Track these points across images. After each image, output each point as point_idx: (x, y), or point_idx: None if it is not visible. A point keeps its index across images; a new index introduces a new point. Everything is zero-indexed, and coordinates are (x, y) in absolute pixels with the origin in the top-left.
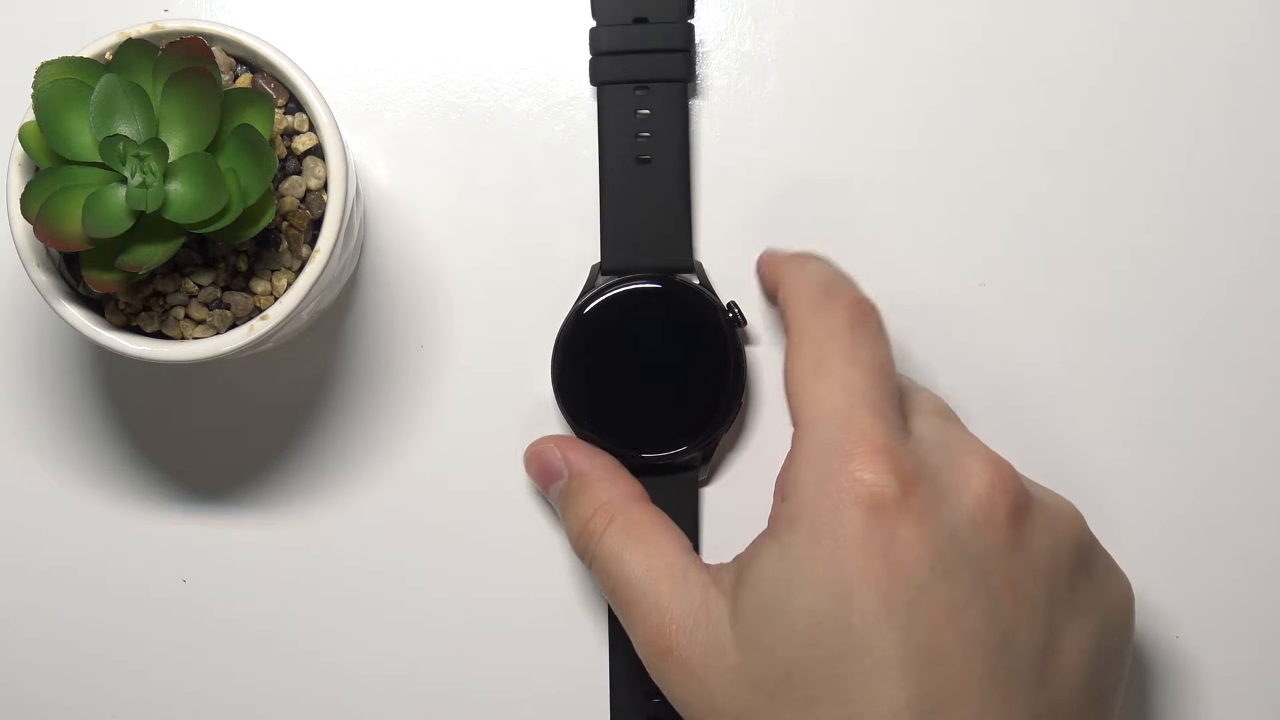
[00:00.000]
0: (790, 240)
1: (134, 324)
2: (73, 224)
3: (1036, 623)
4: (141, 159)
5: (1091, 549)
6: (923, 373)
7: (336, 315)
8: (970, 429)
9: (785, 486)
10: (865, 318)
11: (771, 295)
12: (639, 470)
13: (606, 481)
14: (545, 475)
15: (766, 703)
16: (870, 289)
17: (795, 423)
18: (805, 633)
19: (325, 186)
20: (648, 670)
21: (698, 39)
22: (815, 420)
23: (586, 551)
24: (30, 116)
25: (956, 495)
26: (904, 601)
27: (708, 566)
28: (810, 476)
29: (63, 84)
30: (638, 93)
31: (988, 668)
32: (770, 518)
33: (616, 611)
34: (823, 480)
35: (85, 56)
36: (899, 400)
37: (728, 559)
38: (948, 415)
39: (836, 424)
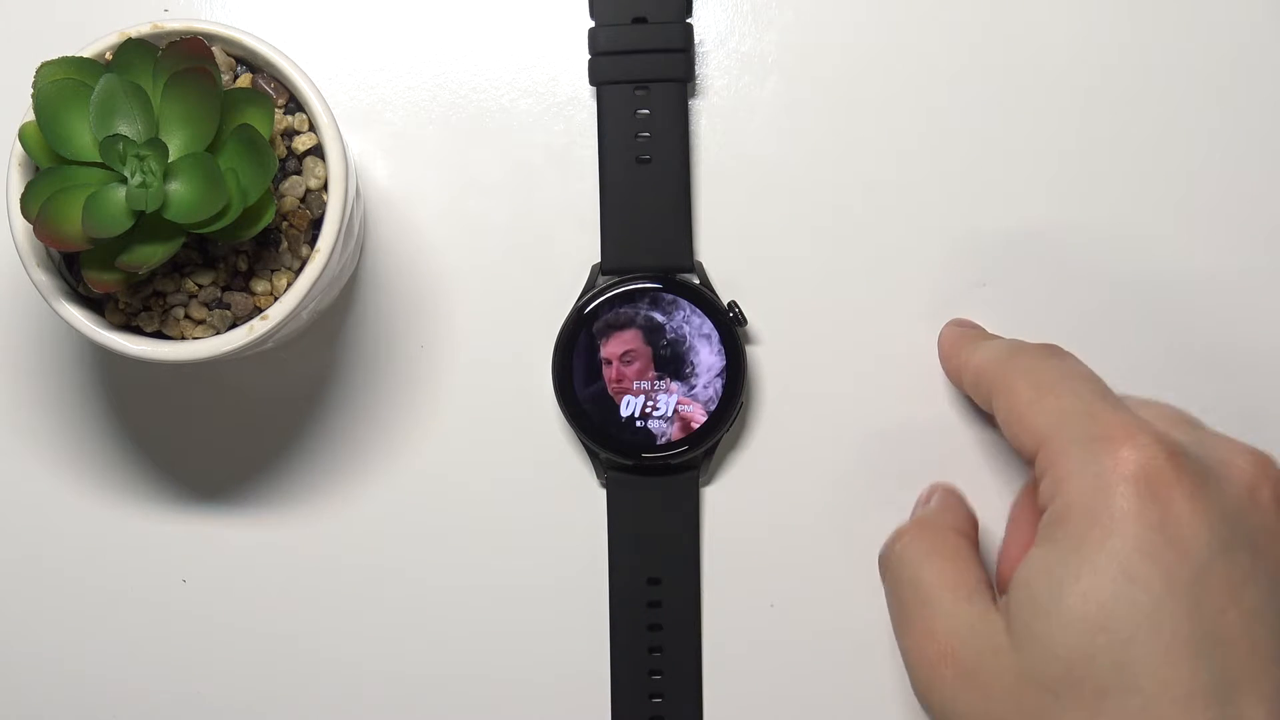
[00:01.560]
0: (790, 240)
1: (134, 324)
2: (73, 224)
3: None
4: (141, 159)
5: None
6: (922, 373)
7: (336, 315)
8: (970, 428)
9: (1044, 494)
10: (1061, 350)
11: (959, 383)
12: (639, 470)
13: (944, 510)
14: (917, 505)
15: (1052, 701)
16: (870, 289)
17: (1034, 443)
18: (1088, 619)
19: (325, 186)
20: (917, 685)
21: (697, 39)
22: (1057, 425)
23: (890, 551)
24: (30, 116)
25: (1222, 476)
26: (1187, 579)
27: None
28: (1072, 468)
29: (63, 84)
30: (637, 93)
31: (1276, 648)
32: (1036, 535)
33: (895, 616)
34: (1086, 467)
35: (85, 56)
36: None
37: (729, 559)
38: (1191, 419)
39: (1082, 420)
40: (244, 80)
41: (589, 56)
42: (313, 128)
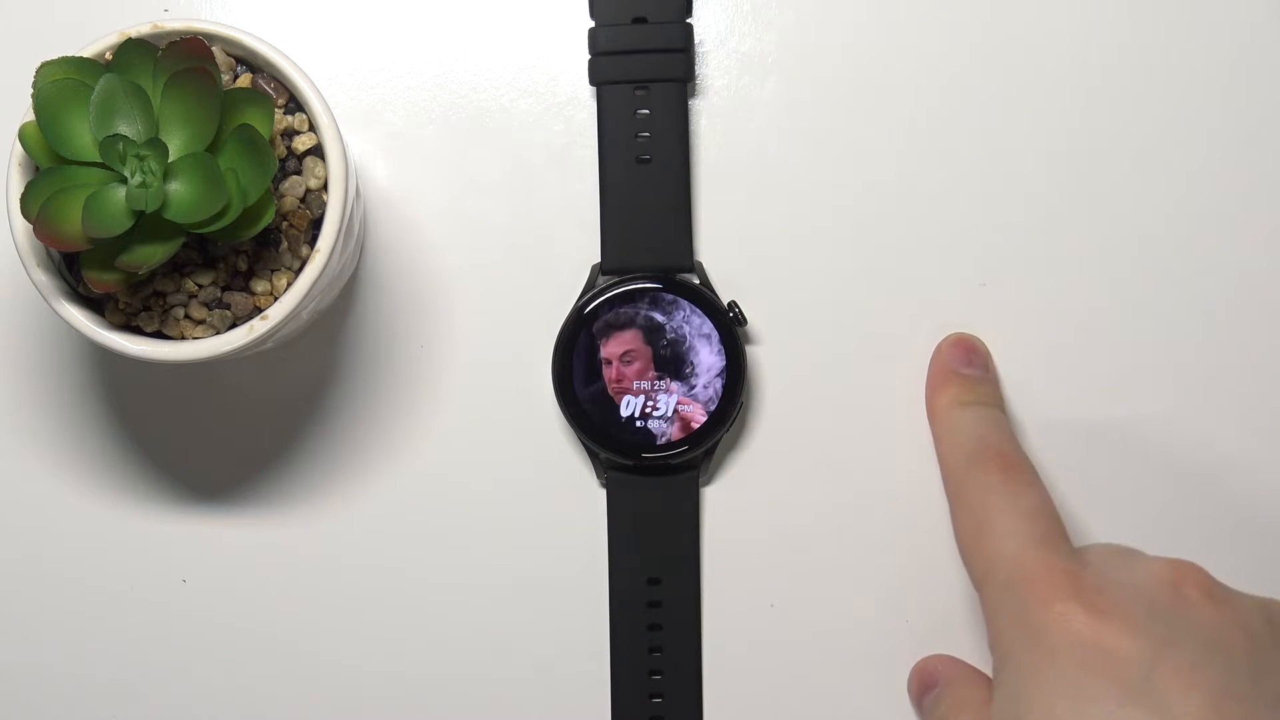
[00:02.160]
0: (790, 240)
1: (134, 324)
2: (73, 224)
3: (1274, 667)
4: (141, 159)
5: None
6: (922, 373)
7: (336, 315)
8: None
9: (990, 639)
10: (1016, 468)
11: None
12: (639, 470)
13: (969, 684)
14: (923, 685)
15: None
16: (870, 289)
17: (976, 584)
18: None
19: (325, 186)
20: None
21: (697, 39)
22: (989, 572)
23: (916, 696)
24: (30, 116)
25: (1146, 585)
26: (1138, 679)
27: None
28: (1004, 622)
29: (63, 84)
30: (637, 93)
31: (1249, 716)
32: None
33: None
34: (1016, 618)
35: (85, 56)
36: (1067, 538)
37: (729, 559)
38: (1122, 547)
39: (1009, 566)
40: (244, 80)
41: (589, 56)
42: (313, 128)
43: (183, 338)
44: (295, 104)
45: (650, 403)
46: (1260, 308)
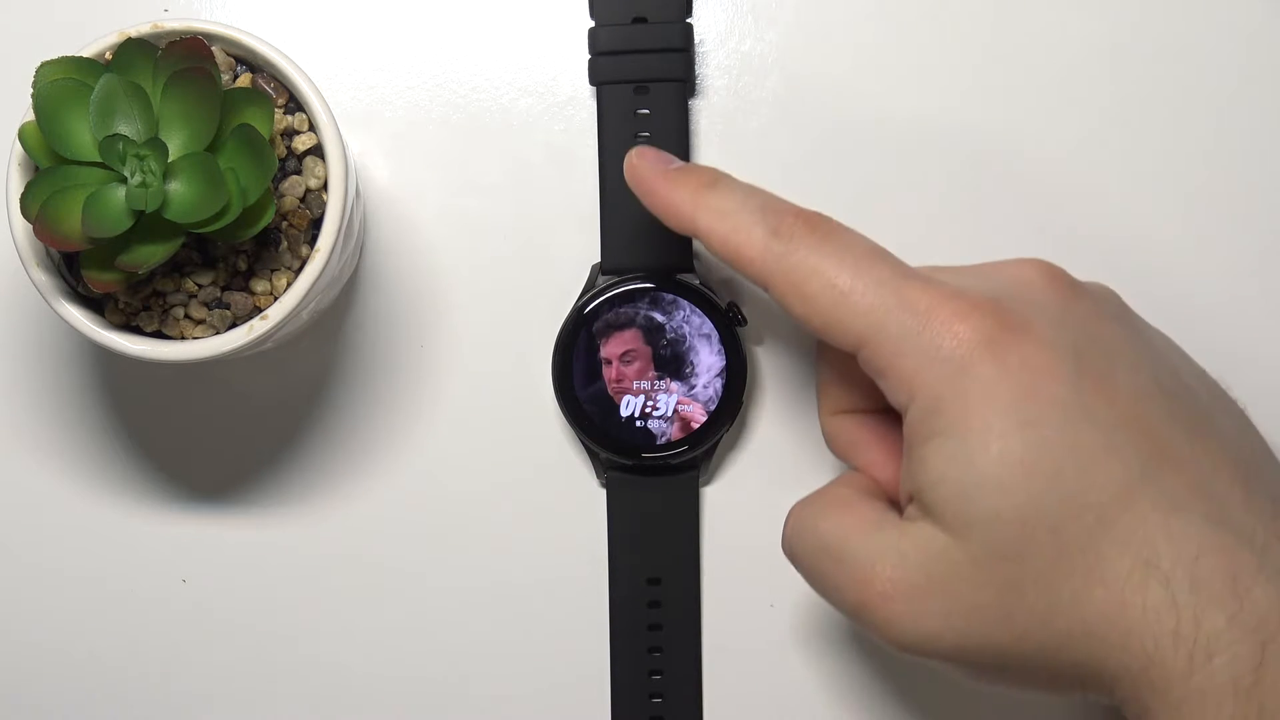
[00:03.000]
0: None
1: (134, 324)
2: (73, 224)
3: (1159, 363)
4: (141, 159)
5: (1129, 308)
6: None
7: (336, 315)
8: None
9: (900, 396)
10: (820, 219)
11: (684, 230)
12: (639, 470)
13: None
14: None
15: (1017, 565)
16: None
17: (854, 343)
18: (1014, 473)
19: (325, 186)
20: (882, 635)
21: (697, 39)
22: (876, 325)
23: (785, 536)
24: (30, 116)
25: (1030, 298)
26: (1069, 396)
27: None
28: (918, 363)
29: (63, 84)
30: (637, 93)
31: (1168, 413)
32: (905, 438)
33: (824, 588)
34: (931, 358)
35: (85, 56)
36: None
37: (729, 559)
38: (956, 266)
39: (898, 312)
40: (244, 80)
41: (589, 56)
42: (313, 128)
43: (183, 338)
44: (295, 104)
45: (650, 403)
46: (1263, 308)
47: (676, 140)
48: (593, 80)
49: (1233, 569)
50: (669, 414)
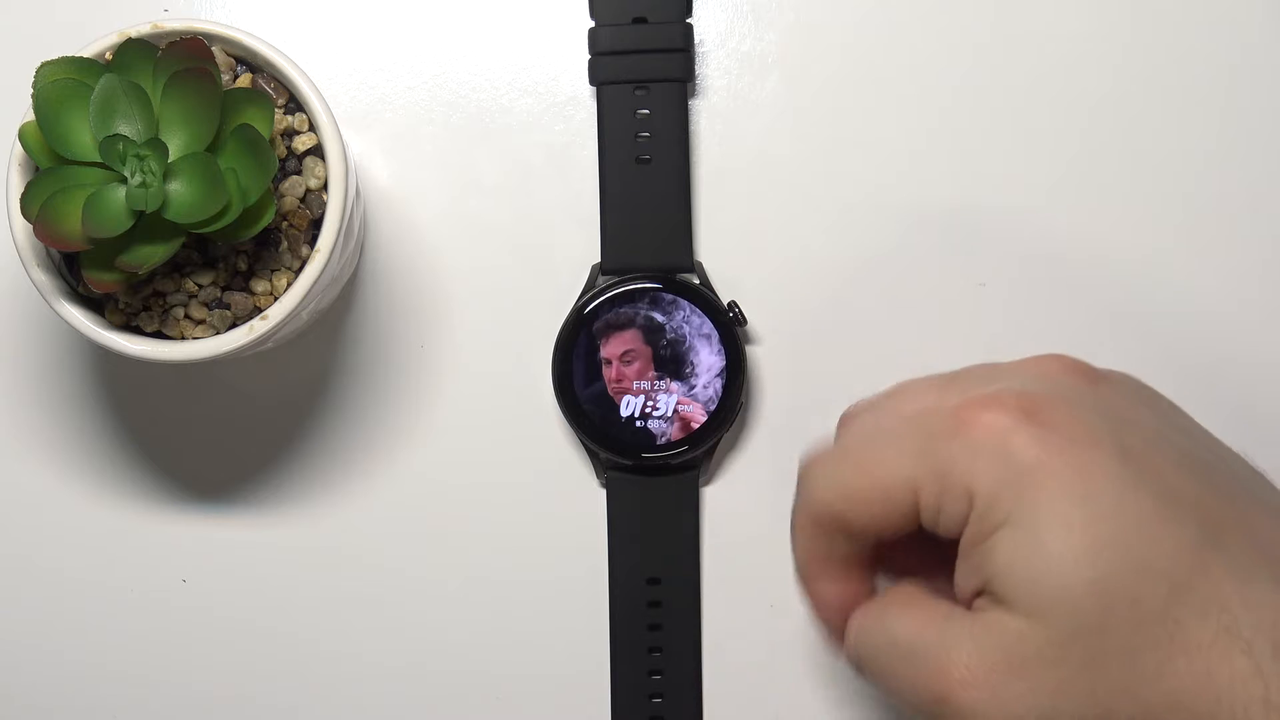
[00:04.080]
0: (790, 240)
1: (134, 324)
2: (73, 224)
3: (1190, 441)
4: (141, 159)
5: (1150, 388)
6: (923, 373)
7: (336, 315)
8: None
9: (961, 509)
10: (841, 426)
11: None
12: (639, 470)
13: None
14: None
15: (1098, 638)
16: (870, 289)
17: (908, 495)
18: (1082, 551)
19: (325, 186)
20: None
21: (697, 39)
22: (914, 464)
23: (850, 643)
24: (30, 116)
25: (1049, 380)
26: (1118, 469)
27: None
28: (961, 471)
29: (63, 84)
30: (637, 93)
31: (1213, 487)
32: (963, 541)
33: (897, 690)
34: (972, 460)
35: (85, 56)
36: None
37: (729, 559)
38: (967, 369)
39: (926, 439)
40: (244, 80)
41: (589, 56)
42: (313, 128)
43: (183, 338)
44: (295, 104)
45: (650, 403)
46: (1263, 309)
47: (676, 140)
48: (593, 80)
49: None
50: (669, 414)
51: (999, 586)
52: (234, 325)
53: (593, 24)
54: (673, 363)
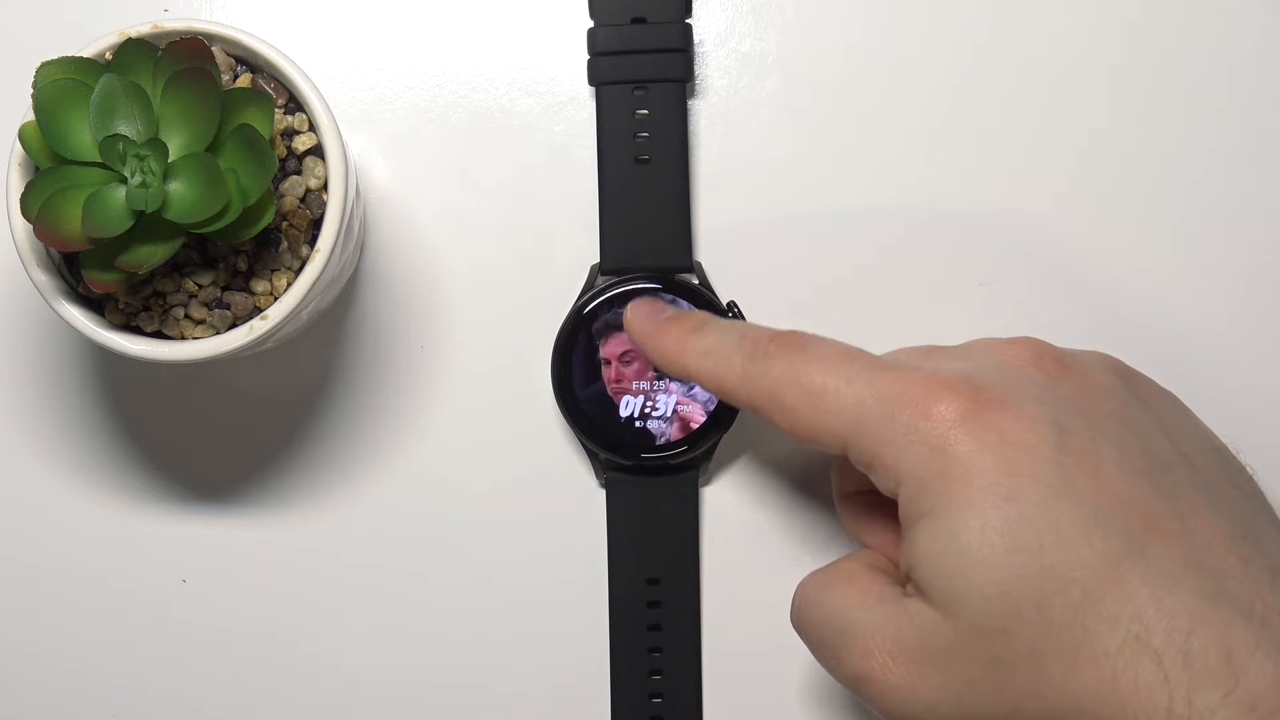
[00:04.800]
0: (789, 240)
1: (134, 324)
2: (73, 224)
3: (1154, 433)
4: (141, 159)
5: (1131, 371)
6: None
7: (336, 315)
8: None
9: (885, 486)
10: (794, 335)
11: (678, 374)
12: (639, 470)
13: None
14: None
15: (1004, 638)
16: (870, 289)
17: (839, 444)
18: (996, 550)
19: (325, 186)
20: (881, 707)
21: (697, 39)
22: (855, 421)
23: (793, 611)
24: (30, 116)
25: (1011, 374)
26: (1051, 472)
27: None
28: (899, 450)
29: (63, 84)
30: (636, 93)
31: (1158, 488)
32: (900, 522)
33: (827, 660)
34: (910, 443)
35: (85, 56)
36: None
37: (729, 559)
38: (937, 346)
39: (874, 404)
40: (244, 80)
41: (588, 56)
42: (313, 128)
43: (183, 338)
44: (295, 104)
45: (650, 403)
46: (1267, 301)
47: (676, 140)
48: (592, 80)
49: (1228, 644)
50: (668, 414)
51: (917, 575)
52: (234, 325)
53: (592, 24)
54: None
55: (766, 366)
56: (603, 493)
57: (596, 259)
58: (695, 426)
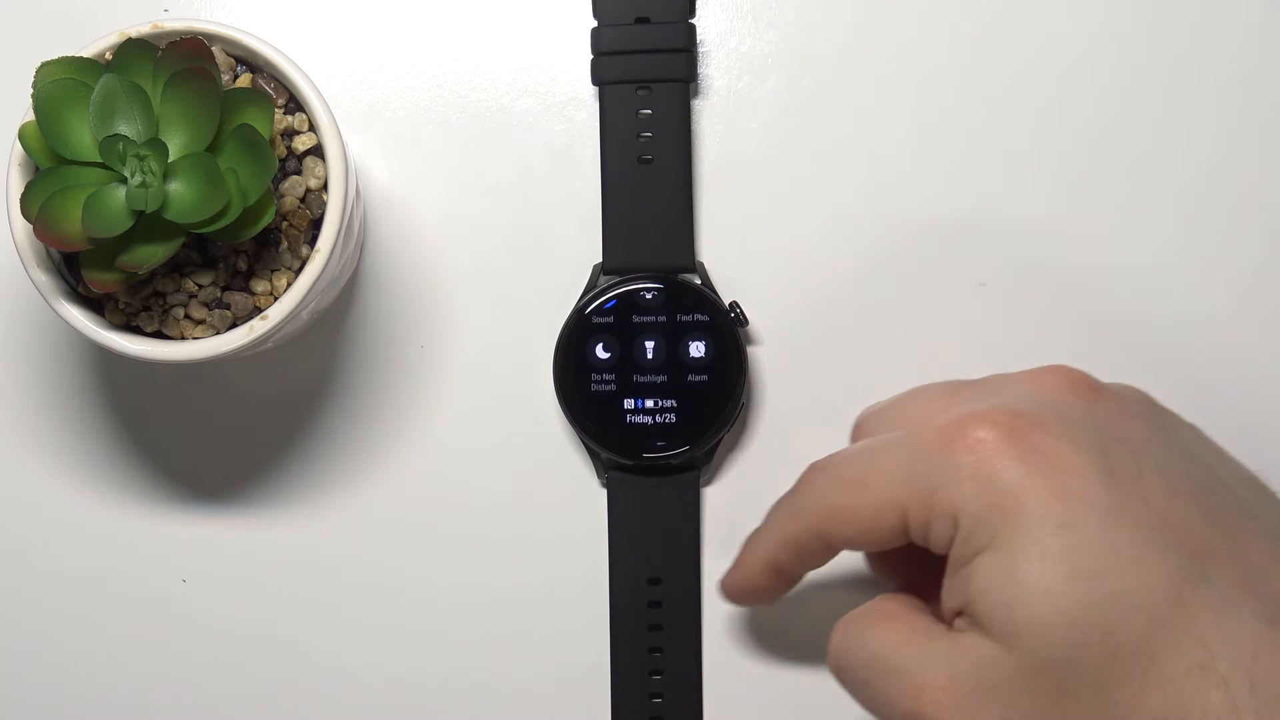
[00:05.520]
0: (791, 240)
1: (134, 324)
2: (73, 224)
3: (1192, 459)
4: (141, 159)
5: (1157, 404)
6: (922, 372)
7: (336, 315)
8: None
9: (939, 539)
10: (815, 463)
11: (768, 588)
12: (639, 470)
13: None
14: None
15: (1069, 668)
16: (871, 289)
17: (898, 518)
18: (1058, 579)
19: (325, 186)
20: None
21: (697, 39)
22: (900, 485)
23: (833, 653)
24: (30, 116)
25: (1046, 401)
26: (1103, 495)
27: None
28: (949, 493)
29: (63, 84)
30: (639, 92)
31: (1205, 511)
32: (950, 559)
33: (873, 704)
34: (958, 480)
35: (85, 56)
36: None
37: (729, 559)
38: (961, 382)
39: (913, 460)
40: (244, 80)
41: (592, 56)
42: (313, 128)
43: (183, 338)
44: (295, 104)
45: (651, 403)
46: (1264, 308)
47: (678, 140)
48: (595, 80)
49: None
50: (670, 414)
51: (976, 610)
52: (234, 325)
53: (595, 24)
54: (673, 363)
55: (809, 489)
56: (604, 492)
57: (598, 259)
58: (696, 426)
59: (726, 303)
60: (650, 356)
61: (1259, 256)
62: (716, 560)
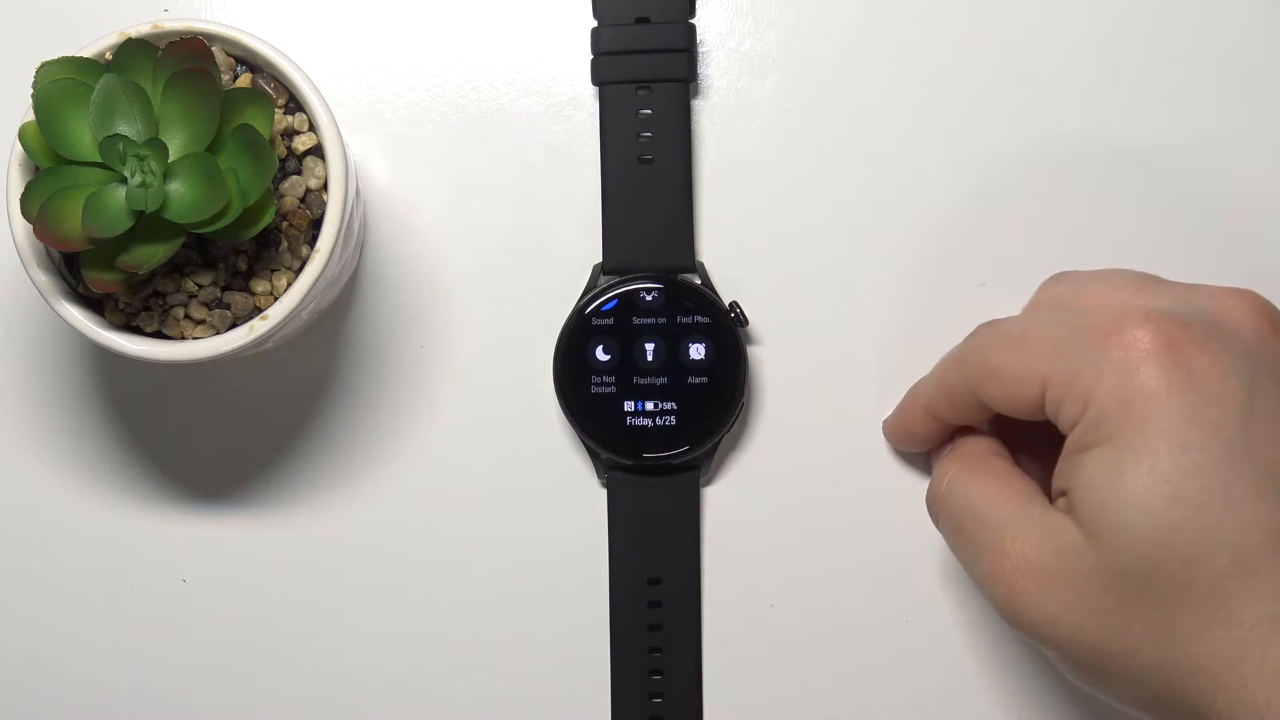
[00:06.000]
0: (791, 240)
1: (134, 324)
2: (73, 224)
3: None
4: (141, 159)
5: None
6: (922, 373)
7: (336, 315)
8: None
9: (1069, 418)
10: (994, 321)
11: (927, 432)
12: (639, 470)
13: (974, 440)
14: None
15: (1144, 583)
16: (871, 289)
17: (1040, 387)
18: (1159, 496)
19: (325, 186)
20: (1002, 607)
21: (698, 39)
22: (1054, 357)
23: (936, 491)
24: (30, 116)
25: (1223, 322)
26: (1234, 429)
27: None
28: (1091, 378)
29: (63, 84)
30: (640, 92)
31: None
32: (1067, 442)
33: (961, 549)
34: (1103, 369)
35: (85, 56)
36: None
37: (729, 559)
38: (1157, 279)
39: (1073, 338)
40: (244, 80)
41: (592, 56)
42: (313, 128)
43: (183, 338)
44: (295, 104)
45: (652, 403)
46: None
47: (678, 140)
48: (595, 80)
49: None
50: (670, 414)
51: (1076, 499)
52: (234, 325)
53: (595, 24)
54: (673, 363)
55: (974, 342)
56: (604, 492)
57: (598, 259)
58: (696, 427)
59: (726, 303)
60: (650, 359)
61: (1261, 256)
62: (716, 560)
